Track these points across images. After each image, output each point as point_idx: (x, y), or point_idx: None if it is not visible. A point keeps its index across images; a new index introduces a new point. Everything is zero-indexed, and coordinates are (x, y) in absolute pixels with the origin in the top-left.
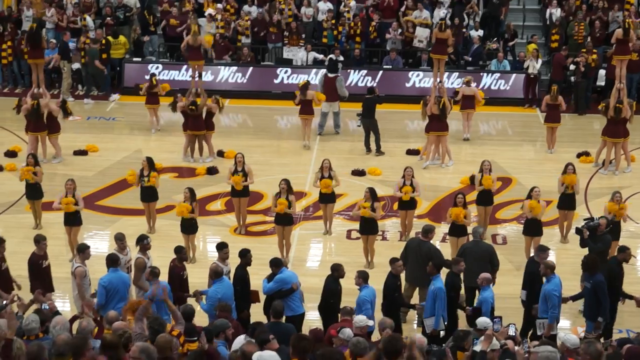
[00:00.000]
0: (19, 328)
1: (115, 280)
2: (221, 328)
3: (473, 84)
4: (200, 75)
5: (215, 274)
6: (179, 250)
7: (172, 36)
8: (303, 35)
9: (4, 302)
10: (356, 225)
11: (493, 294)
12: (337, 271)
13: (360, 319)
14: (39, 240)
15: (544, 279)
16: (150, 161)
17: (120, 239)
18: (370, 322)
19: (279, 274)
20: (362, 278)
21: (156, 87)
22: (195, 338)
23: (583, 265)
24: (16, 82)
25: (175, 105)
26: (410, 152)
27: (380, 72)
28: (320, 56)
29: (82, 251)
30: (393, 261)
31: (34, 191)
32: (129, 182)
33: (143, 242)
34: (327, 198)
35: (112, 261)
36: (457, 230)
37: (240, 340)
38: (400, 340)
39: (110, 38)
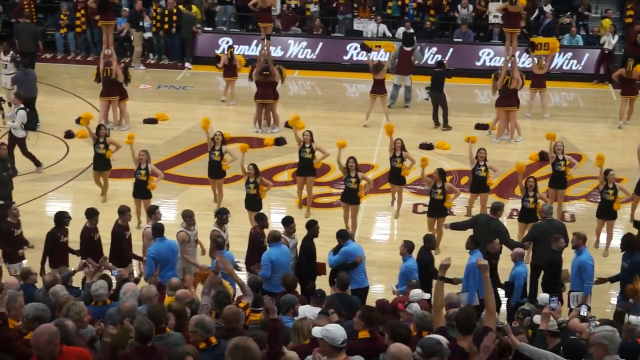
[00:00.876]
0: (87, 294)
1: (163, 250)
2: (290, 304)
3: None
4: (268, 37)
5: (273, 239)
6: (260, 217)
7: (244, 6)
8: (373, 8)
9: (73, 269)
10: (423, 199)
11: (527, 270)
12: (428, 242)
13: (416, 292)
14: (124, 212)
15: (574, 252)
16: (223, 138)
17: (189, 215)
18: (427, 295)
19: (344, 246)
20: (407, 248)
21: (234, 59)
22: (261, 309)
23: (622, 244)
24: (89, 50)
25: (252, 74)
26: (479, 127)
27: (451, 49)
28: (389, 34)
29: (153, 212)
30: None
31: (101, 162)
32: (202, 127)
33: (222, 216)
34: (397, 179)
35: (158, 231)
36: (527, 215)
37: (304, 309)
38: (474, 314)
39: (181, 7)
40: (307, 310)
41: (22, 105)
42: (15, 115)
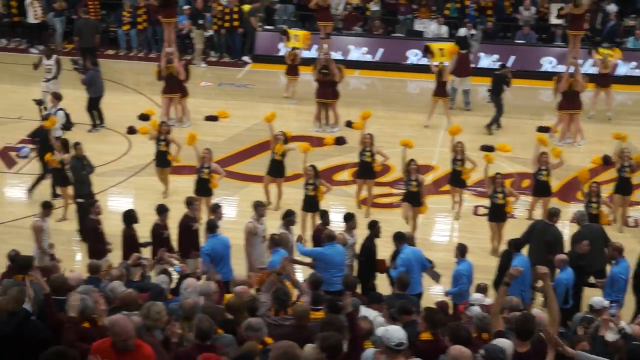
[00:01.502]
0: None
1: (217, 246)
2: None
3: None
4: (328, 36)
5: (328, 238)
6: (323, 214)
7: (304, 5)
8: (434, 8)
9: (127, 262)
10: (483, 201)
11: (571, 276)
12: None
13: (476, 296)
14: (192, 202)
15: (612, 262)
16: (285, 137)
17: (261, 205)
18: (488, 300)
19: (401, 254)
20: (460, 251)
21: (295, 59)
22: (320, 307)
23: None
24: (150, 47)
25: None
26: (541, 129)
27: (513, 52)
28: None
29: (215, 210)
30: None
31: (163, 159)
32: (265, 120)
33: (289, 218)
34: (458, 182)
35: (211, 227)
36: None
37: (364, 310)
38: (533, 320)
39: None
40: (366, 313)
41: (60, 106)
42: (55, 115)
